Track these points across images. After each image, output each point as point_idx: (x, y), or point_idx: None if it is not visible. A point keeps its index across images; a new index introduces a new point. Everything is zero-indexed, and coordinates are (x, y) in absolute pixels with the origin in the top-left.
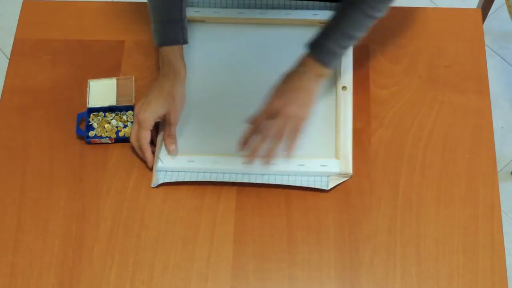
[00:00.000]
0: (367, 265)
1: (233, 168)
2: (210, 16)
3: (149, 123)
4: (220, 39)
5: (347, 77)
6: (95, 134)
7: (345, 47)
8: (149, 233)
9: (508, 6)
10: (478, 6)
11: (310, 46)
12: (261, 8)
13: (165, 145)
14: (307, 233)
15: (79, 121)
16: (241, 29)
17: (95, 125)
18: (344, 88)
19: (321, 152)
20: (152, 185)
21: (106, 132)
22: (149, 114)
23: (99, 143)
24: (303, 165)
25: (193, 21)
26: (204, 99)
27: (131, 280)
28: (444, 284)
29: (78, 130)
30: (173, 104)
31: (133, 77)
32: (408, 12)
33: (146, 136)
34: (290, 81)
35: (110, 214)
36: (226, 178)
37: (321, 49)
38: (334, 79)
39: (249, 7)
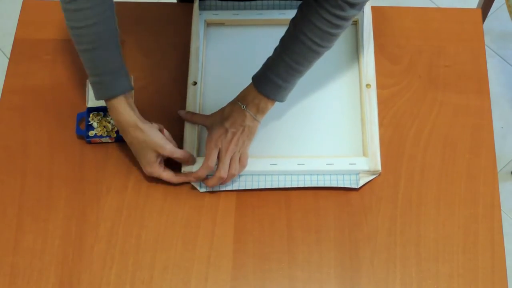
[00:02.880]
0: (367, 265)
1: (258, 170)
2: (229, 19)
3: (158, 165)
4: (240, 41)
5: (370, 75)
6: (95, 133)
7: (290, 81)
8: (149, 233)
9: (508, 6)
10: (478, 6)
11: (254, 79)
12: (279, 8)
13: (190, 179)
14: (307, 233)
15: (79, 121)
16: (261, 31)
17: (95, 124)
18: (368, 85)
19: (349, 150)
20: (200, 190)
21: (106, 131)
22: (153, 164)
23: (99, 143)
24: (332, 164)
25: (212, 24)
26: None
27: (131, 280)
28: (444, 284)
29: (78, 130)
30: (158, 142)
31: (132, 76)
32: (408, 12)
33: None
34: (232, 116)
35: (110, 214)
36: (255, 184)
37: (265, 82)
38: (358, 77)
39: (268, 8)
